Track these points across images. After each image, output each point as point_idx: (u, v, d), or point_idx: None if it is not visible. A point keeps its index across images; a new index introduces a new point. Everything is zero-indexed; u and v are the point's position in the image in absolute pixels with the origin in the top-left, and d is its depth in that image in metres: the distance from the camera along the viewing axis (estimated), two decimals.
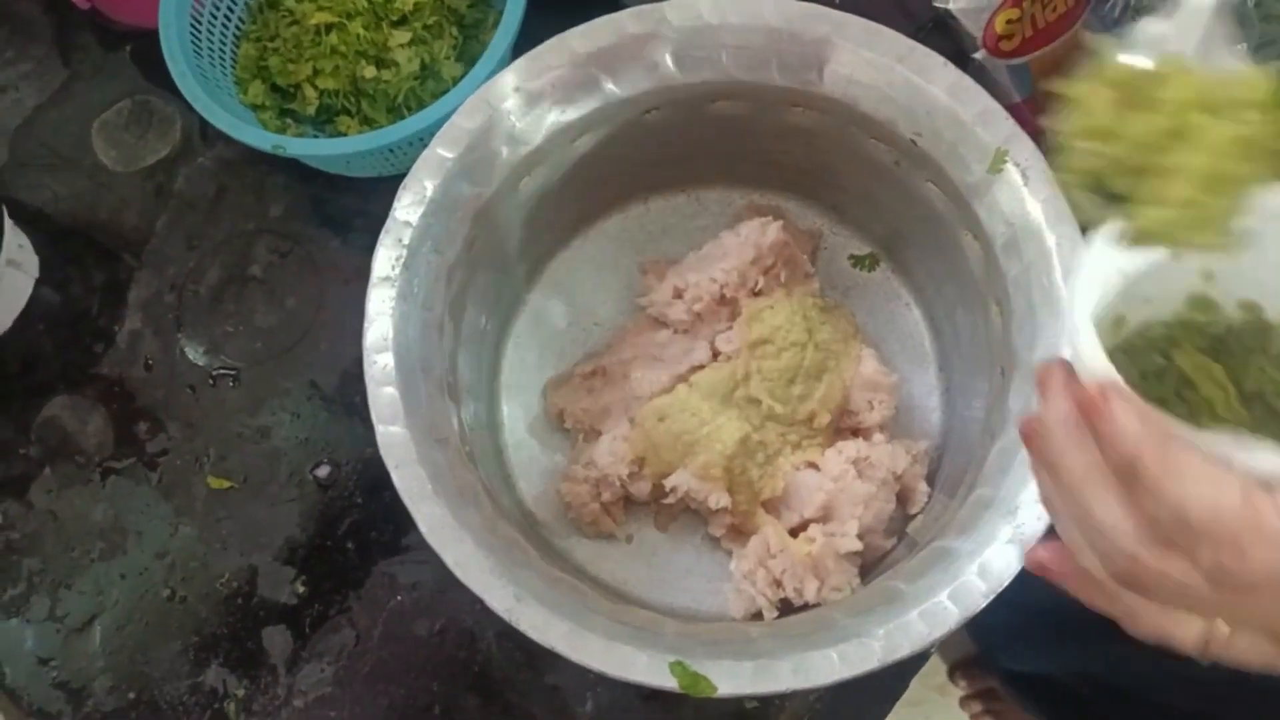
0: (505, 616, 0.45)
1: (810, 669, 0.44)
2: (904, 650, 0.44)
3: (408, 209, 0.52)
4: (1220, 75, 0.35)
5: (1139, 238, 0.35)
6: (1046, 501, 0.35)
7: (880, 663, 0.44)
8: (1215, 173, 0.34)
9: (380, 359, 0.50)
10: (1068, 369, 0.33)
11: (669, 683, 0.44)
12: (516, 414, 0.64)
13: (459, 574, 0.46)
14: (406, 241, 0.52)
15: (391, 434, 0.48)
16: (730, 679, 0.44)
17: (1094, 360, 0.32)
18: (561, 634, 0.45)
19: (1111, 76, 0.35)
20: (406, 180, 0.52)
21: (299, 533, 0.65)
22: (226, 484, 0.66)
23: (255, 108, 0.70)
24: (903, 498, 0.58)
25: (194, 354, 0.70)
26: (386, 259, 0.51)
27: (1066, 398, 0.32)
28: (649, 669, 0.44)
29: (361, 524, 0.65)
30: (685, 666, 0.44)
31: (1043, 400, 0.33)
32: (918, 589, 0.46)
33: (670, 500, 0.58)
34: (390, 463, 0.48)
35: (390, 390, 0.49)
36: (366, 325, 0.50)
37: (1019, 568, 0.45)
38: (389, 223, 0.52)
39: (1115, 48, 0.36)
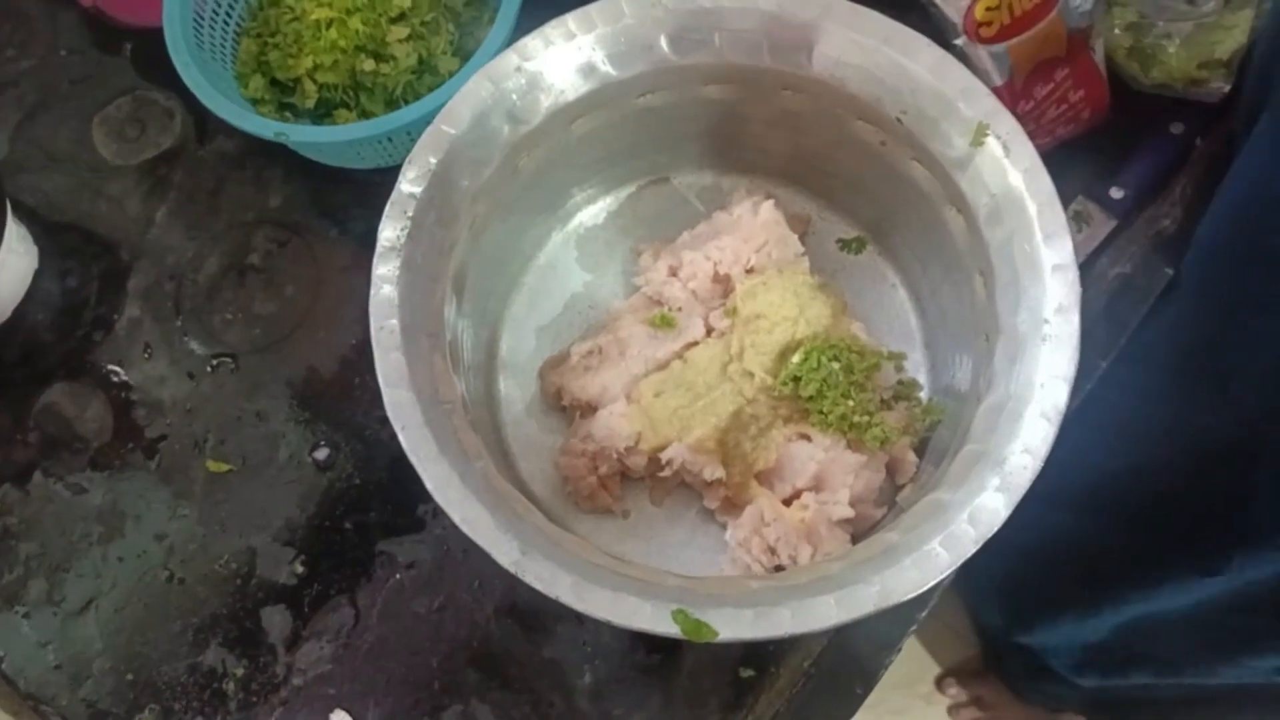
0: (512, 569, 0.46)
1: (809, 614, 0.45)
2: (897, 596, 0.45)
3: (413, 182, 0.53)
4: None
5: None
6: None
7: (876, 607, 0.45)
8: None
9: (387, 324, 0.51)
10: None
11: (672, 630, 0.45)
12: (513, 394, 0.65)
13: (466, 529, 0.47)
14: (411, 214, 0.53)
15: (399, 396, 0.50)
16: (731, 625, 0.45)
17: None
18: (567, 585, 0.46)
19: None
20: (411, 155, 0.54)
21: (298, 514, 0.66)
22: (225, 467, 0.67)
23: (255, 101, 0.72)
24: (892, 468, 0.60)
25: (193, 341, 0.71)
26: (393, 229, 0.53)
27: None
28: (653, 617, 0.45)
29: (360, 504, 0.66)
30: (687, 614, 0.45)
31: None
32: (910, 539, 0.47)
33: (666, 474, 0.59)
34: (397, 424, 0.49)
35: (397, 355, 0.50)
36: (373, 291, 0.51)
37: (1007, 514, 0.46)
38: (394, 195, 0.53)
39: None
